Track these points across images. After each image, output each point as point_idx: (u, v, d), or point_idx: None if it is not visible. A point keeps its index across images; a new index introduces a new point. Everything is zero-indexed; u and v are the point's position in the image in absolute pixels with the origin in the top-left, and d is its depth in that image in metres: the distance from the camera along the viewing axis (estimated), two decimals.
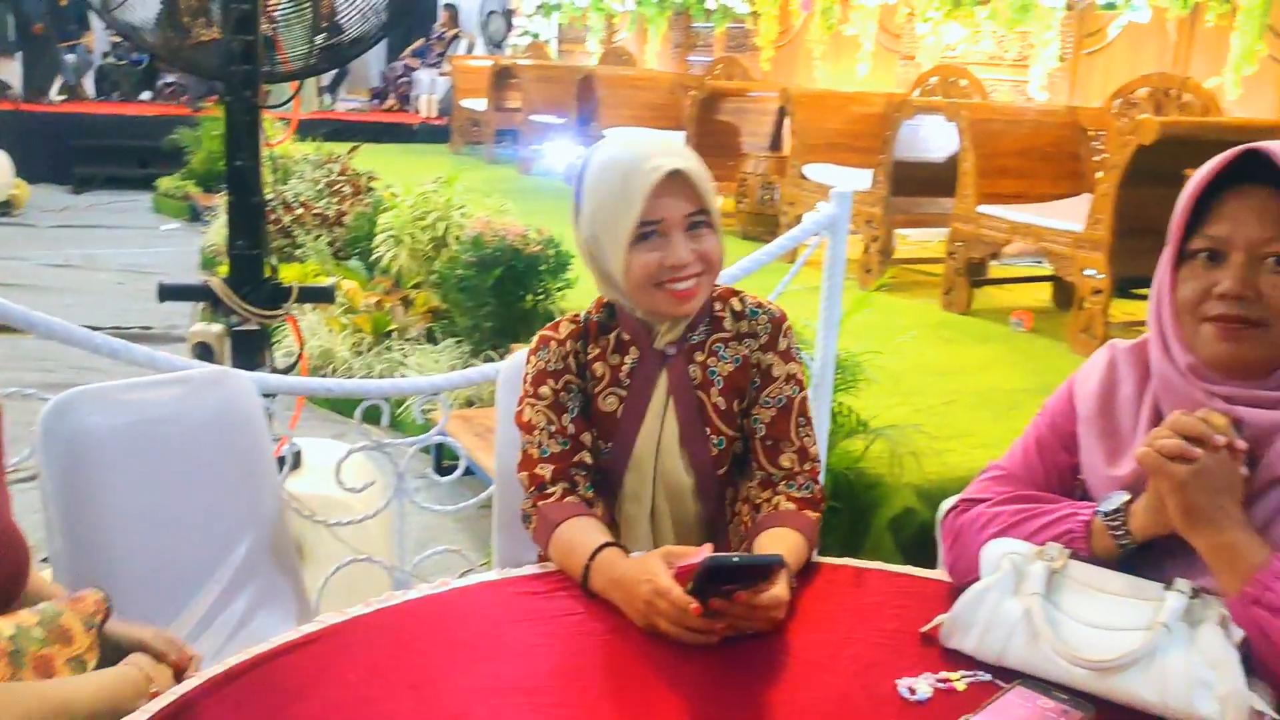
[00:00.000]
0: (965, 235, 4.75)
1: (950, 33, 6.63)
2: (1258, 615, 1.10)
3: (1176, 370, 1.25)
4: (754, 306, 1.59)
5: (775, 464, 1.54)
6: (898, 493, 2.67)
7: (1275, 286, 1.17)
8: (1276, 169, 1.16)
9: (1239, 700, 1.08)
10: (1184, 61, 5.40)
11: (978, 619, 1.24)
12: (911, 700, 1.15)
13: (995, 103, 6.01)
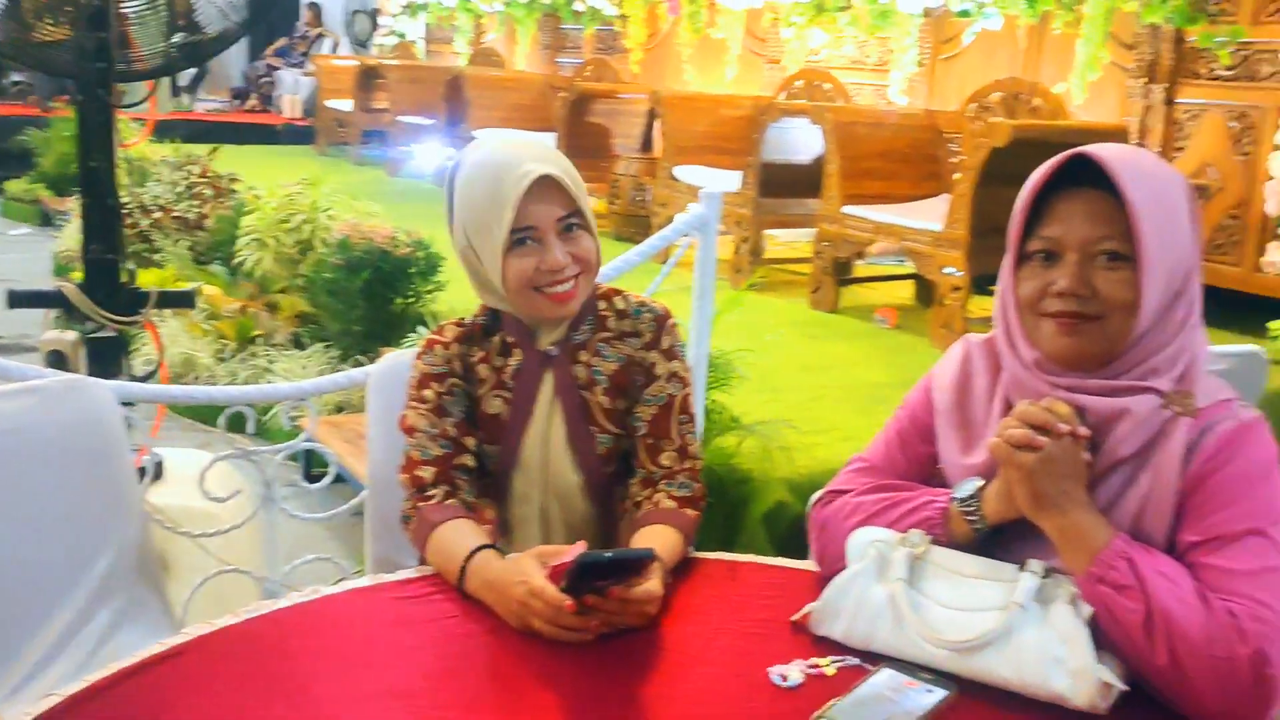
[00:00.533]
0: (831, 235, 4.87)
1: (814, 38, 6.77)
2: (1102, 593, 1.16)
3: (1022, 364, 1.31)
4: (637, 305, 1.61)
5: (656, 462, 1.56)
6: (770, 487, 2.72)
7: (1108, 282, 1.24)
8: (1103, 172, 1.22)
9: (1089, 674, 1.13)
10: (1034, 67, 5.62)
11: (845, 606, 1.28)
12: (784, 686, 1.18)
13: (858, 106, 6.17)
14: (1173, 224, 1.24)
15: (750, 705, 1.15)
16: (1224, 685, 1.10)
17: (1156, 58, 4.92)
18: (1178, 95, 4.88)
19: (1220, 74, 4.72)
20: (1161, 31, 4.87)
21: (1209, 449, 1.22)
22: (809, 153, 5.44)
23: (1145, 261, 1.21)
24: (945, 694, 1.15)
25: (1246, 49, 4.60)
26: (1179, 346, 1.26)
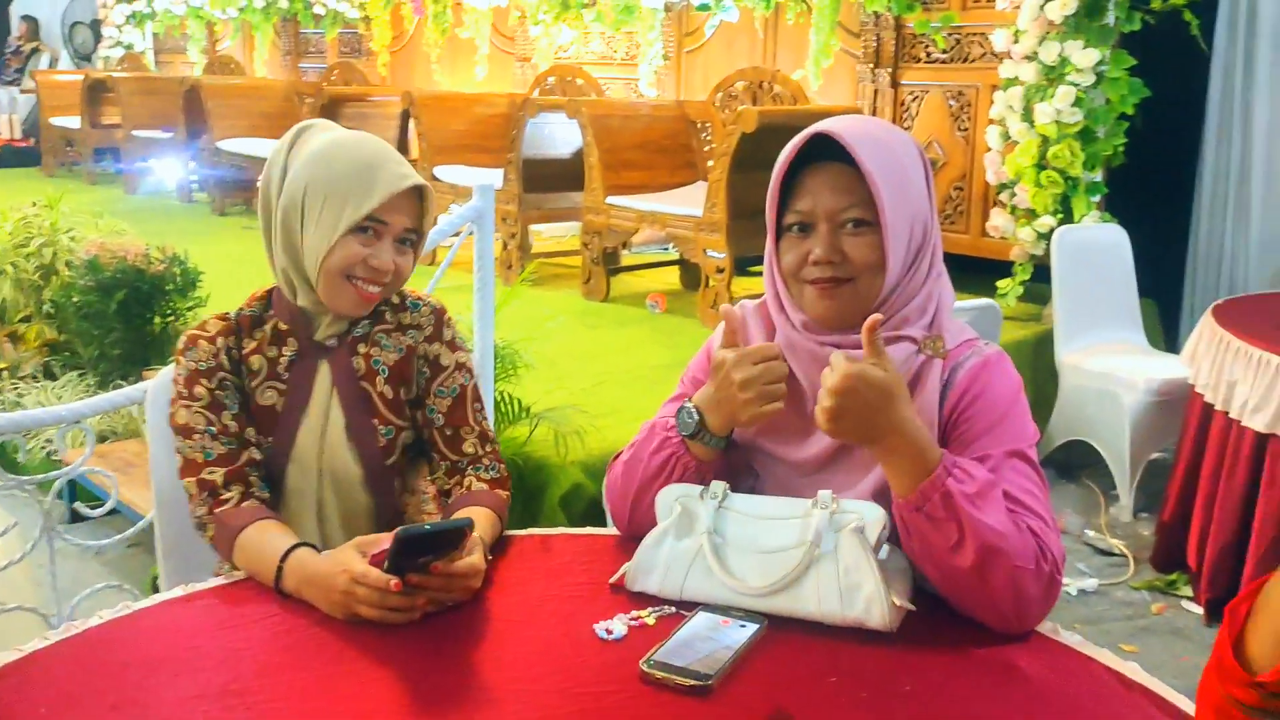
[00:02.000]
0: (598, 226, 4.99)
1: (561, 34, 6.89)
2: (920, 518, 1.26)
3: (793, 328, 1.43)
4: (413, 299, 1.64)
5: (459, 451, 1.60)
6: (565, 471, 2.79)
7: (855, 246, 1.36)
8: (842, 146, 1.34)
9: (882, 599, 1.25)
10: (771, 57, 5.93)
11: (658, 562, 1.36)
12: (610, 639, 1.25)
13: (612, 99, 6.32)
14: (906, 185, 1.36)
15: (580, 659, 1.21)
16: (1019, 591, 1.24)
17: (880, 44, 5.29)
18: (902, 78, 5.27)
19: (938, 57, 5.13)
20: (883, 19, 5.24)
21: (962, 384, 1.37)
22: (568, 147, 5.54)
23: (886, 225, 1.33)
24: (757, 627, 1.25)
25: (959, 33, 5.01)
26: (926, 295, 1.40)
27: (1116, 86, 4.22)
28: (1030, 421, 1.39)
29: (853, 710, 1.11)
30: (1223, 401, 3.04)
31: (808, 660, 1.20)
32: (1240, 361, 2.97)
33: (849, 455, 1.41)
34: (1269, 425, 2.84)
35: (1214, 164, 4.80)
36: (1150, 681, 1.17)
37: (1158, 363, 3.90)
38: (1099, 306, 4.11)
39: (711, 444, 1.42)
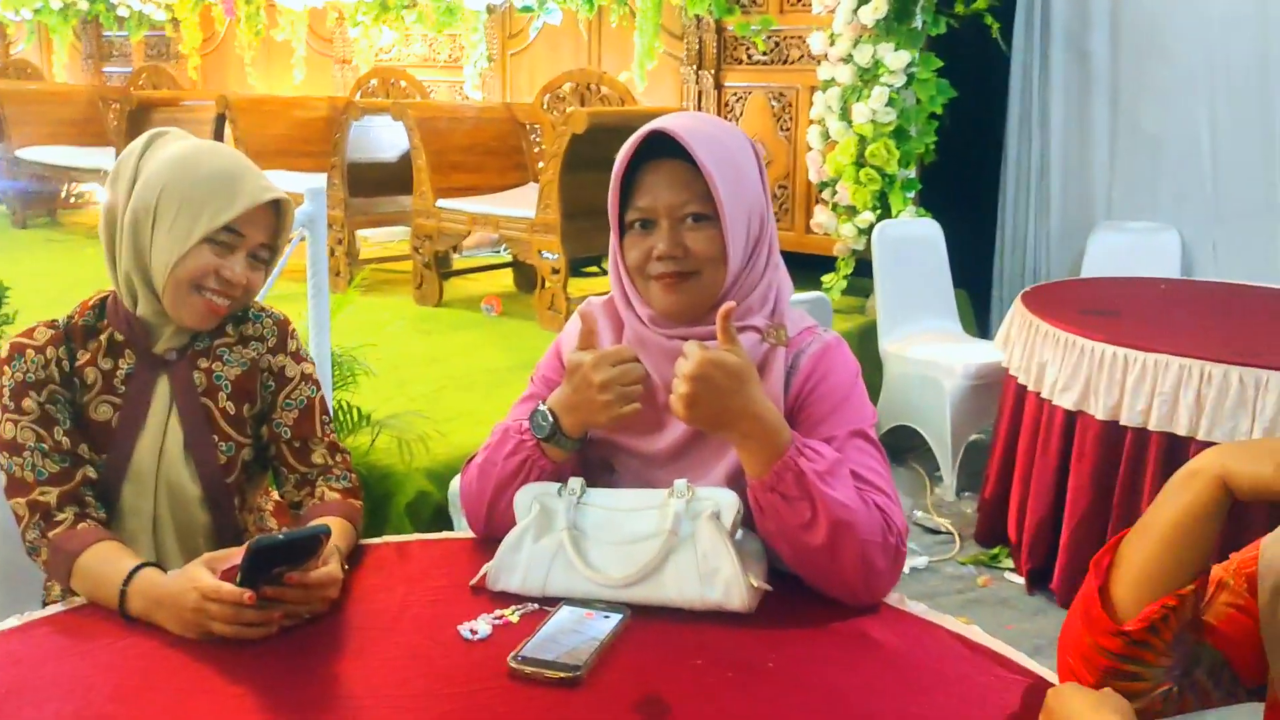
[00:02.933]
0: (428, 230, 4.93)
1: (382, 36, 6.77)
2: (774, 498, 1.30)
3: (641, 322, 1.46)
4: (255, 310, 1.60)
5: (308, 463, 1.56)
6: (410, 479, 2.75)
7: (697, 240, 1.40)
8: (678, 143, 1.37)
9: (740, 581, 1.29)
10: (597, 59, 5.97)
11: (519, 561, 1.37)
12: (475, 639, 1.25)
13: (438, 101, 6.26)
14: (742, 179, 1.41)
15: (447, 660, 1.20)
16: (868, 565, 1.30)
17: (703, 46, 5.40)
18: (725, 80, 5.40)
19: (759, 59, 5.27)
20: (704, 22, 5.35)
21: (805, 369, 1.42)
22: (394, 150, 5.46)
23: (724, 218, 1.37)
24: (621, 617, 1.27)
25: (778, 36, 5.17)
26: (767, 285, 1.45)
27: (926, 87, 4.43)
28: (869, 402, 1.45)
29: (720, 689, 1.14)
30: (1034, 382, 3.23)
31: (673, 645, 1.23)
32: (1049, 344, 3.16)
33: (701, 444, 1.45)
34: (1077, 403, 3.03)
35: (1016, 159, 5.09)
36: (991, 642, 1.25)
37: (973, 348, 4.11)
38: (917, 297, 4.31)
39: (567, 446, 1.43)
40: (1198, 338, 3.01)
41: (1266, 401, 2.71)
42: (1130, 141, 4.79)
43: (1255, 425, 2.72)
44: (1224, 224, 4.62)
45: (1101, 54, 4.78)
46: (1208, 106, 4.57)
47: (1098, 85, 4.81)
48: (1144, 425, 2.88)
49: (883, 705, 1.12)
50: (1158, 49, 4.64)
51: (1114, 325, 3.14)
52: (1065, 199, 4.98)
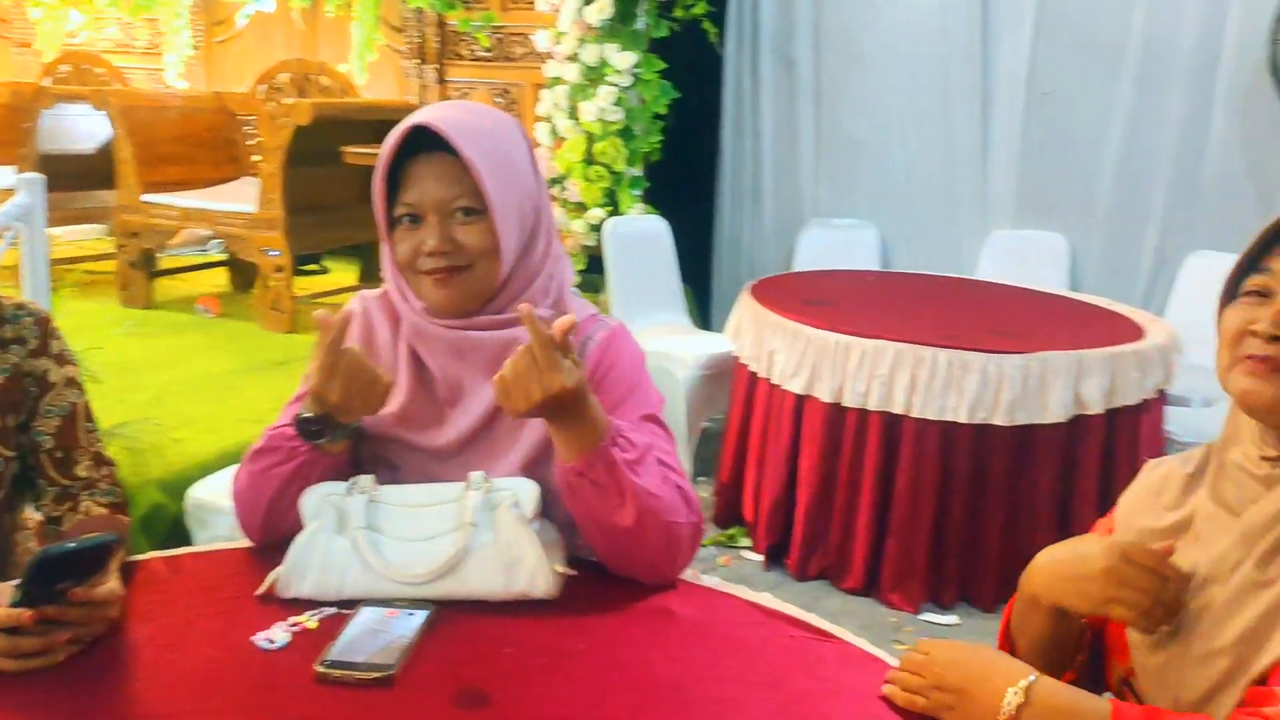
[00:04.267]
0: (135, 226, 4.60)
1: (70, 19, 6.25)
2: (585, 483, 1.31)
3: (417, 315, 1.44)
4: (14, 309, 1.46)
5: (71, 475, 1.45)
6: (142, 492, 2.57)
7: (468, 234, 1.39)
8: (441, 137, 1.36)
9: (545, 569, 1.30)
10: (313, 49, 5.77)
11: (312, 563, 1.32)
12: (274, 648, 1.20)
13: (142, 90, 5.85)
14: (512, 171, 1.41)
15: (247, 673, 1.15)
16: (671, 544, 1.34)
17: (425, 40, 5.34)
18: (448, 74, 5.36)
19: (482, 55, 5.27)
20: (426, 16, 5.29)
21: (594, 357, 1.45)
22: (92, 141, 5.06)
23: (495, 211, 1.37)
24: (427, 613, 1.25)
25: (501, 32, 5.18)
26: (548, 276, 1.47)
27: (650, 88, 4.58)
28: (655, 387, 1.50)
29: (535, 674, 1.16)
30: (765, 370, 3.42)
31: (482, 637, 1.23)
32: (778, 334, 3.36)
33: (490, 435, 1.45)
34: (805, 388, 3.24)
35: (732, 160, 5.35)
36: (784, 607, 1.32)
37: (702, 340, 4.29)
38: (648, 292, 4.45)
39: (340, 436, 1.39)
40: (907, 324, 3.29)
41: (969, 380, 3.00)
42: (833, 144, 5.15)
43: (961, 402, 3.00)
44: (915, 220, 5.05)
45: (805, 62, 5.10)
46: (898, 109, 4.97)
47: (803, 91, 5.13)
48: (865, 406, 3.12)
49: (692, 674, 1.17)
50: (855, 58, 5.01)
51: (833, 314, 3.38)
52: (777, 198, 5.28)
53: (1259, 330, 1.09)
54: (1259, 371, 1.09)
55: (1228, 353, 1.14)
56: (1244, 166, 4.48)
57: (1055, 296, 4.05)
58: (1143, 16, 4.51)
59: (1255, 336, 1.10)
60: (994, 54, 4.78)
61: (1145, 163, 4.60)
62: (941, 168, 4.96)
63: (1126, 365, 3.11)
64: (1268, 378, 1.09)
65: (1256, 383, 1.10)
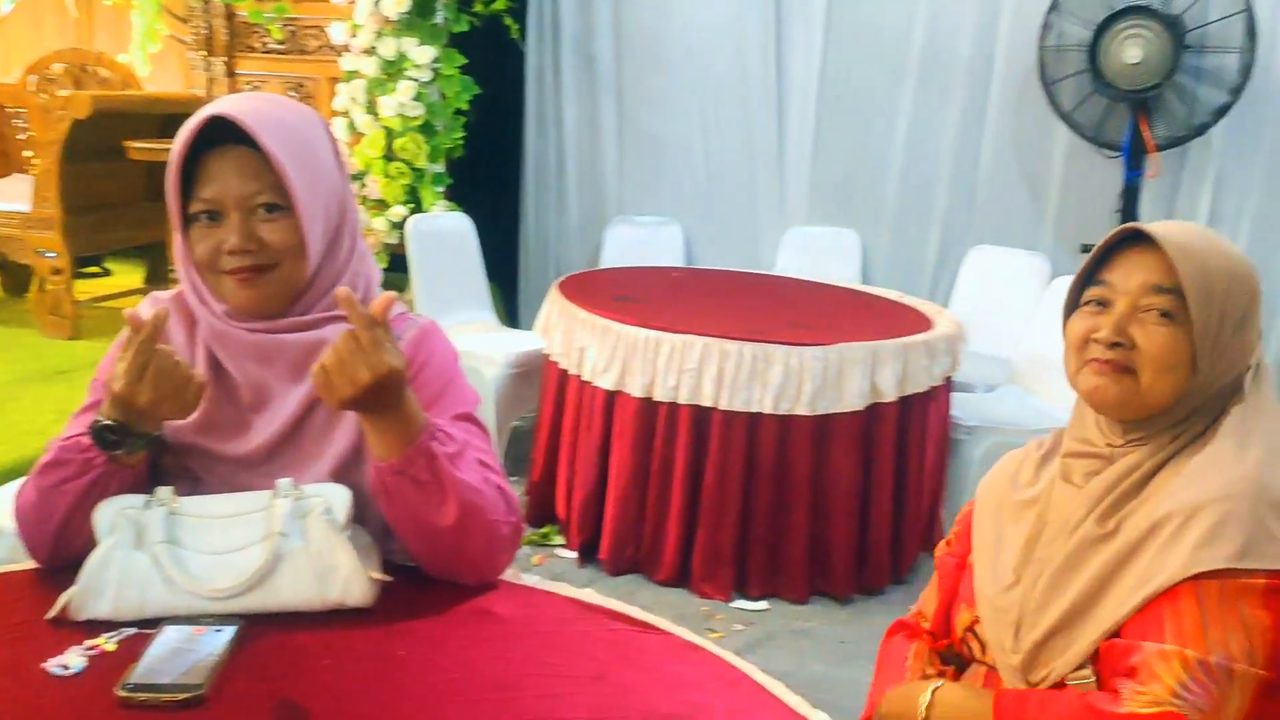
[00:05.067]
0: None
1: None
2: (404, 482, 1.28)
3: (217, 318, 1.38)
4: None
5: None
6: None
7: (273, 231, 1.34)
8: (240, 130, 1.30)
9: (360, 576, 1.27)
10: (89, 37, 5.44)
11: (108, 581, 1.24)
12: (69, 674, 1.13)
13: None
14: (317, 165, 1.37)
15: (41, 703, 1.08)
16: (492, 544, 1.33)
17: (212, 32, 5.10)
18: (238, 67, 5.14)
19: (274, 48, 5.07)
20: (213, 6, 5.06)
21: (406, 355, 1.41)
22: None
23: (300, 208, 1.33)
24: (235, 629, 1.20)
25: (294, 24, 5.00)
26: (354, 273, 1.43)
27: (451, 83, 4.52)
28: (470, 385, 1.48)
29: (355, 685, 1.13)
30: (575, 366, 3.44)
31: (297, 649, 1.19)
32: (587, 330, 3.37)
33: (298, 441, 1.40)
34: (616, 383, 3.26)
35: (536, 157, 5.34)
36: (605, 601, 1.33)
37: (511, 338, 4.27)
38: (454, 290, 4.39)
39: (138, 446, 1.32)
40: (713, 318, 3.36)
41: (773, 372, 3.09)
42: (635, 142, 5.21)
43: (766, 394, 3.09)
44: (716, 217, 5.17)
45: (606, 60, 5.14)
46: (698, 109, 5.08)
47: (604, 89, 5.17)
48: (675, 400, 3.17)
49: (517, 671, 1.16)
50: (655, 58, 5.08)
51: (643, 310, 3.42)
52: (581, 195, 5.30)
53: (1100, 338, 1.25)
54: (1104, 372, 1.25)
55: (1075, 357, 1.30)
56: (1016, 167, 4.79)
57: (849, 290, 4.22)
58: (923, 24, 4.75)
59: (1098, 343, 1.25)
60: (788, 58, 4.95)
61: (928, 163, 4.85)
62: (741, 167, 5.09)
63: (917, 354, 3.27)
64: (1110, 377, 1.25)
65: (1102, 381, 1.25)
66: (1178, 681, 1.10)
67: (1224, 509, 1.15)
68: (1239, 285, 1.24)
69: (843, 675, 2.79)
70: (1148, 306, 1.24)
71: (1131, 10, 4.19)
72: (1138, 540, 1.19)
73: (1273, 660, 1.12)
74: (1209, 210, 4.57)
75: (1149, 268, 1.25)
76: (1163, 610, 1.14)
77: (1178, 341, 1.23)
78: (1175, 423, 1.26)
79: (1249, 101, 4.31)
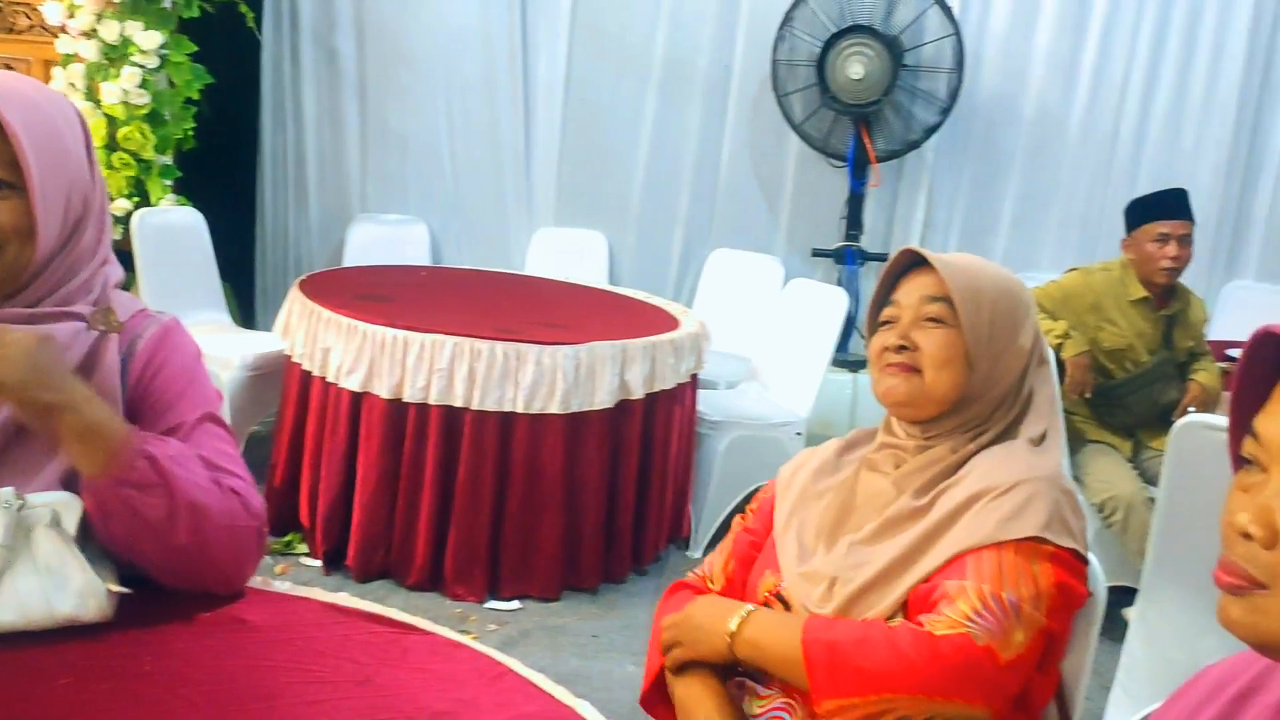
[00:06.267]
0: None
1: None
2: (126, 494, 1.19)
3: None
4: None
5: None
6: None
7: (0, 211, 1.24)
8: None
9: (95, 589, 1.18)
10: None
11: None
12: None
13: None
14: (61, 151, 1.27)
15: None
16: (237, 550, 1.26)
17: None
18: None
19: None
20: None
21: (144, 355, 1.34)
22: None
23: (34, 189, 1.23)
24: None
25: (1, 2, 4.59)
26: (92, 272, 1.34)
27: (181, 71, 4.28)
28: (213, 384, 1.41)
29: (100, 702, 1.06)
30: (320, 368, 3.32)
31: (31, 669, 1.10)
32: (332, 330, 3.27)
33: (21, 447, 1.29)
34: (362, 384, 3.18)
35: (272, 151, 5.14)
36: (360, 604, 1.30)
37: (247, 339, 4.09)
38: (184, 289, 4.15)
39: None
40: (463, 318, 3.34)
41: (525, 371, 3.11)
42: (380, 139, 5.10)
43: (518, 393, 3.10)
44: (464, 217, 5.14)
45: (349, 54, 5.01)
46: (445, 108, 5.04)
47: (347, 83, 5.04)
48: (425, 400, 3.13)
49: (277, 679, 1.12)
50: (400, 53, 5.00)
51: (390, 310, 3.35)
52: (322, 191, 5.15)
53: (889, 344, 1.42)
54: (894, 373, 1.40)
55: (874, 369, 1.45)
56: (753, 173, 5.02)
57: (599, 290, 4.29)
58: (665, 33, 4.91)
59: (888, 350, 1.42)
60: (534, 61, 4.99)
61: (670, 167, 5.01)
62: (488, 167, 5.08)
63: (664, 353, 3.36)
64: (900, 377, 1.40)
65: (894, 381, 1.40)
66: (971, 609, 1.22)
67: (1030, 490, 1.30)
68: (1006, 295, 1.42)
69: (597, 668, 2.84)
70: (925, 315, 1.40)
71: (855, 29, 4.47)
72: (952, 512, 1.32)
73: (1054, 613, 1.27)
74: (923, 219, 4.95)
75: (926, 284, 1.42)
76: (966, 561, 1.28)
77: (951, 341, 1.38)
78: (969, 423, 1.41)
79: (957, 119, 4.69)
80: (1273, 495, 0.74)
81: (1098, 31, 4.80)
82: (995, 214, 4.96)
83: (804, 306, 3.98)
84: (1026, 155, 4.91)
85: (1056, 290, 3.34)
